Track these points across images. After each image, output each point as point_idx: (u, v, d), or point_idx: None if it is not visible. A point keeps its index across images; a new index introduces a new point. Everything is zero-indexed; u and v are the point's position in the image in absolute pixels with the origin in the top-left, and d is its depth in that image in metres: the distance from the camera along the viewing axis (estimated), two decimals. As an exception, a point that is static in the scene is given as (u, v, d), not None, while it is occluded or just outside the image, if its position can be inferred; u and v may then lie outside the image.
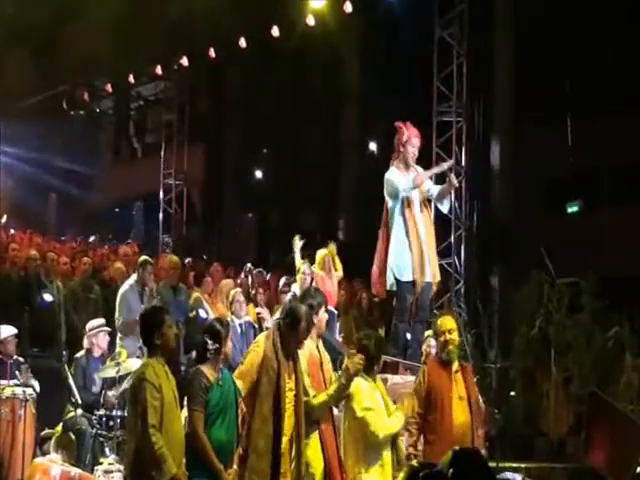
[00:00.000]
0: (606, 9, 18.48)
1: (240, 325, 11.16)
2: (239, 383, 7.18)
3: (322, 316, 7.84)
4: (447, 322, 7.99)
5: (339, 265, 12.35)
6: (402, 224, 10.64)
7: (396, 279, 10.63)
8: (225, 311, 11.65)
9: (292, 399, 7.34)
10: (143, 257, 12.37)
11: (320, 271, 11.76)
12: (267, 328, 9.22)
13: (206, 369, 7.17)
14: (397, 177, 10.70)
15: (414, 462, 5.28)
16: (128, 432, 7.03)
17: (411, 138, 10.83)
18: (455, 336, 7.93)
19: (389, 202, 10.77)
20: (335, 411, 7.94)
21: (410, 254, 10.56)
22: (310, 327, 7.53)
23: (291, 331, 7.44)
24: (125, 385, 9.42)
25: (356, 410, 7.65)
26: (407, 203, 10.65)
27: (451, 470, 4.33)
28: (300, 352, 7.60)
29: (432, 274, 10.76)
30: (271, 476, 7.16)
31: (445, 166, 11.69)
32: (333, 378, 7.77)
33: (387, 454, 7.72)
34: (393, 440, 7.78)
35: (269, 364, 7.28)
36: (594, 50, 18.69)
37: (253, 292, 11.77)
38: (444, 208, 11.20)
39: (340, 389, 7.51)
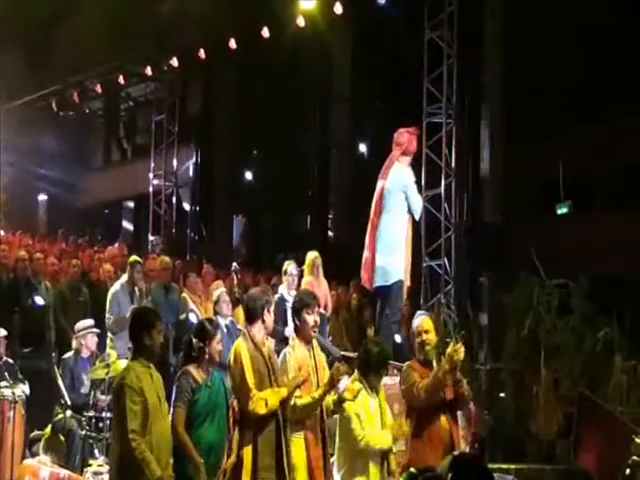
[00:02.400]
0: (601, 11, 18.46)
1: (226, 326, 11.11)
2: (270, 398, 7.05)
3: (307, 319, 7.61)
4: (424, 323, 7.95)
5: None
6: (405, 225, 10.62)
7: (389, 279, 10.60)
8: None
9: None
10: (133, 257, 12.34)
11: (309, 275, 11.48)
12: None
13: (194, 370, 7.16)
14: (412, 177, 10.72)
15: (412, 469, 5.23)
16: (112, 436, 7.10)
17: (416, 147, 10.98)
18: (432, 336, 7.90)
19: (394, 195, 10.61)
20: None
21: (404, 255, 10.58)
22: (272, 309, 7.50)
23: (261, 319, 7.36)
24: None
25: (346, 409, 7.62)
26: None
27: (450, 475, 4.31)
28: (293, 354, 7.58)
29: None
30: (276, 470, 7.09)
31: None
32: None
33: (375, 469, 7.62)
34: (384, 455, 7.69)
35: (259, 364, 7.22)
36: (587, 51, 18.68)
37: (237, 292, 11.68)
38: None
39: (323, 394, 7.40)
